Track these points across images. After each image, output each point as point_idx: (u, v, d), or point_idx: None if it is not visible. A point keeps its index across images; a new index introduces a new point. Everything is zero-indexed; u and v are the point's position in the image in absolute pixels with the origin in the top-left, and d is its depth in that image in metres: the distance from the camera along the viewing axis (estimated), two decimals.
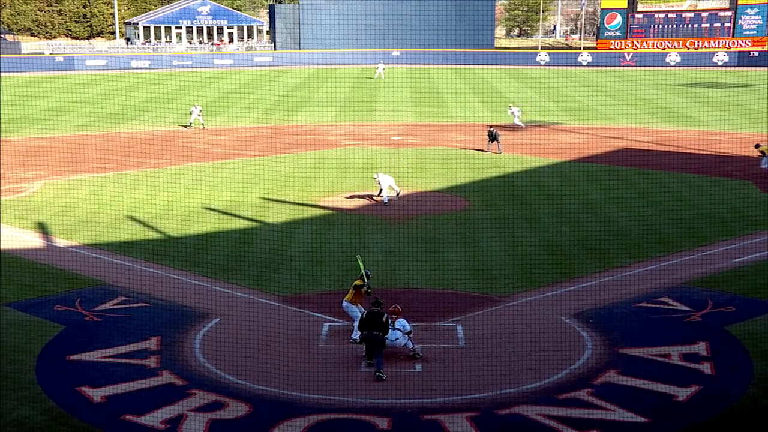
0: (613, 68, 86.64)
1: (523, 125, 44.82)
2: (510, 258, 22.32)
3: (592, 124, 47.55)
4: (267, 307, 18.75)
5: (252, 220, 26.43)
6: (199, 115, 46.21)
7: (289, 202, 28.54)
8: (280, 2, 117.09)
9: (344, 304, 17.05)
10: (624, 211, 27.25)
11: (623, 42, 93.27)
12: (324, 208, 27.86)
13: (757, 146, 34.54)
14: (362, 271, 17.19)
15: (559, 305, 18.88)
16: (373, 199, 28.50)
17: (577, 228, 25.28)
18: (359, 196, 29.13)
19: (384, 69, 77.63)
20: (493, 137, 37.90)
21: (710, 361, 15.87)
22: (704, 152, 37.52)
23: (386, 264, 21.22)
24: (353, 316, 16.88)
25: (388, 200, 27.94)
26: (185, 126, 46.27)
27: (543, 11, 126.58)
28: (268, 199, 29.06)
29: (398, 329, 16.10)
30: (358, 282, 16.97)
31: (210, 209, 27.64)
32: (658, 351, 16.35)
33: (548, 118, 49.97)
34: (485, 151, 38.20)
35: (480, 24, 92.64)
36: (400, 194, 28.55)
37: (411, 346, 16.11)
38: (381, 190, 28.06)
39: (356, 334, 16.50)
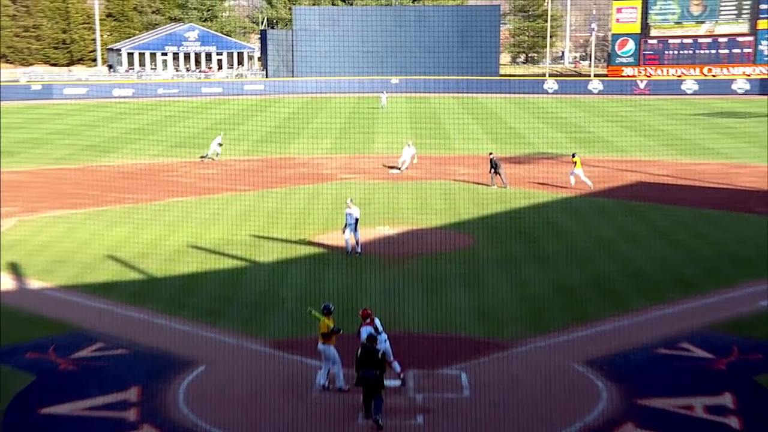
0: (625, 97, 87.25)
1: (400, 171, 42.61)
2: (518, 300, 22.24)
3: (604, 156, 47.72)
4: (257, 354, 18.62)
5: (241, 259, 26.37)
6: (219, 144, 47.28)
7: (282, 240, 28.50)
8: (272, 27, 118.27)
9: (319, 346, 16.90)
10: (640, 249, 27.21)
11: (636, 69, 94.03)
12: (318, 246, 27.80)
13: (573, 155, 37.99)
14: (320, 318, 16.82)
15: (571, 351, 18.75)
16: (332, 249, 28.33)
17: (589, 268, 25.22)
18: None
19: (387, 98, 78.24)
20: (493, 166, 38.10)
21: (737, 414, 15.71)
22: (725, 186, 37.59)
23: (385, 306, 21.09)
24: (333, 359, 16.72)
25: (351, 249, 26.42)
26: (207, 158, 46.89)
27: (551, 36, 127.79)
28: (259, 237, 29.01)
29: (380, 330, 16.41)
30: (323, 330, 16.71)
31: (196, 248, 27.58)
32: (679, 402, 16.19)
33: (557, 150, 50.14)
34: (489, 185, 38.27)
35: (484, 50, 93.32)
36: (359, 249, 26.51)
37: (399, 368, 16.24)
38: (345, 225, 26.48)
39: (341, 381, 16.50)
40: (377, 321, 16.90)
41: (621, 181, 39.82)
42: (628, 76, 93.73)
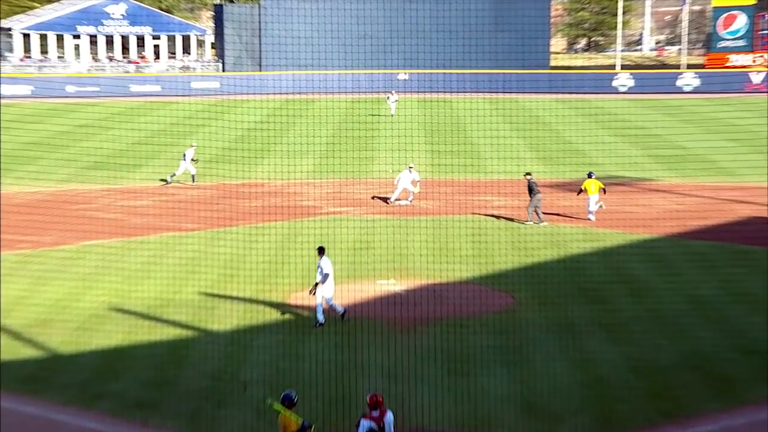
0: (733, 96, 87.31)
1: (408, 203, 43.67)
2: (578, 385, 22.17)
3: (702, 180, 47.74)
4: None
5: (186, 327, 26.35)
6: (193, 159, 48.90)
7: (243, 300, 28.48)
8: (232, 1, 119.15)
9: None
10: (758, 315, 27.14)
11: (749, 56, 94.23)
12: (295, 307, 27.79)
13: (589, 175, 40.05)
14: (281, 412, 16.78)
15: None
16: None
17: (682, 341, 25.16)
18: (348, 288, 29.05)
19: (397, 101, 78.39)
20: (530, 190, 38.33)
21: None
22: None
23: (392, 392, 20.97)
24: None
25: (322, 322, 26.43)
26: (169, 181, 48.35)
27: (623, 13, 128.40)
28: (211, 295, 29.02)
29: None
30: (290, 428, 16.59)
31: (121, 311, 27.55)
32: None
33: (633, 173, 50.20)
34: (537, 222, 38.31)
35: (528, 33, 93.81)
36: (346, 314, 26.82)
37: None
38: (315, 284, 26.58)
39: None
40: (389, 416, 16.76)
41: (726, 217, 39.77)
42: (737, 66, 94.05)
